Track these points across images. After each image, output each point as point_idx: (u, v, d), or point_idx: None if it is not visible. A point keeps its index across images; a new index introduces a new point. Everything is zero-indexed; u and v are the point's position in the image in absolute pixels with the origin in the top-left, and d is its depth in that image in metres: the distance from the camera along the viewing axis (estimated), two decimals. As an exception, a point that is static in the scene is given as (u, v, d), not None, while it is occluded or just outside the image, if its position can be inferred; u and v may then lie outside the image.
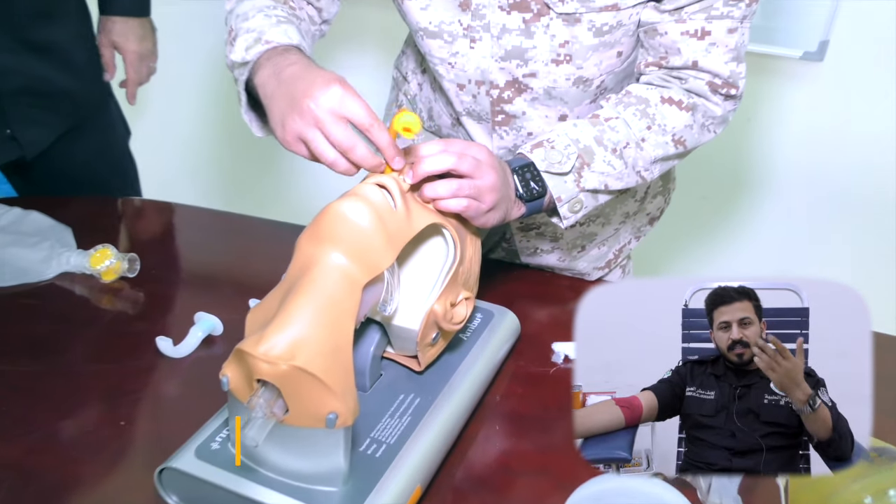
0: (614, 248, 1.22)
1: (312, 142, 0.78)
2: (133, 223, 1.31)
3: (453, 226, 0.84)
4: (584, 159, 0.92)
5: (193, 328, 1.01)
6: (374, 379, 0.88)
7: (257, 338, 0.70)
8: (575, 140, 0.92)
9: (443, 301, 0.83)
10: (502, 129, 1.04)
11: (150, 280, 1.14)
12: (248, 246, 1.24)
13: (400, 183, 0.80)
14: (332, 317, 0.72)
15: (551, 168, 0.90)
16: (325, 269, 0.73)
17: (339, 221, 0.74)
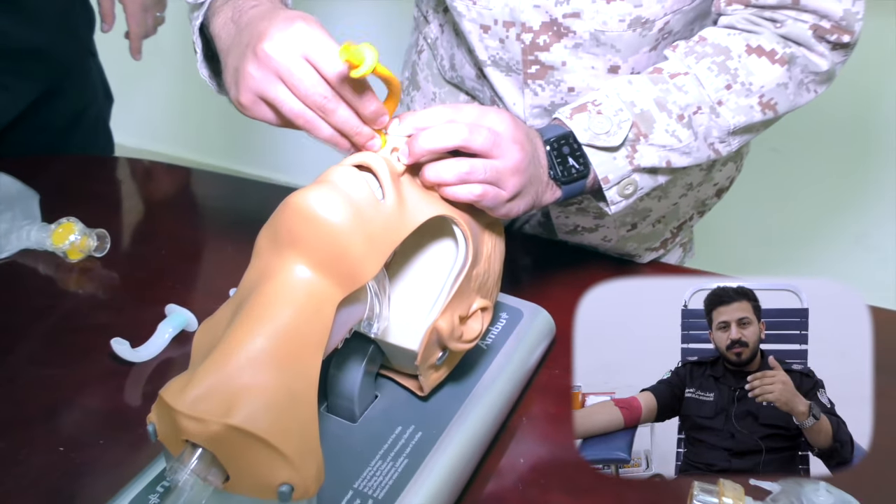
0: (672, 226, 1.07)
1: (276, 99, 0.64)
2: (114, 189, 1.18)
3: (464, 218, 0.67)
4: (641, 128, 0.75)
5: (162, 325, 0.86)
6: (367, 404, 0.73)
7: (183, 382, 0.55)
8: (629, 103, 0.76)
9: (449, 315, 0.67)
10: (536, 84, 0.89)
11: (122, 260, 1.00)
12: (245, 215, 1.11)
13: (391, 163, 0.64)
14: (288, 352, 0.56)
15: (596, 140, 0.74)
16: (283, 285, 0.58)
17: (302, 220, 0.58)
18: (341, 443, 0.68)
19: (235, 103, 0.67)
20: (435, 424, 0.71)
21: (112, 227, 1.01)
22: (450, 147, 0.65)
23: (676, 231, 1.07)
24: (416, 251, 0.71)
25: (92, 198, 1.12)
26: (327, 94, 0.63)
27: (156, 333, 0.85)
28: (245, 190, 1.21)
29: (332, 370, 0.69)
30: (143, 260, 1.00)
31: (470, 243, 0.67)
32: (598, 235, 1.04)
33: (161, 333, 0.85)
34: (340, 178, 0.60)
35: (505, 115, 0.68)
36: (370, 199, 0.60)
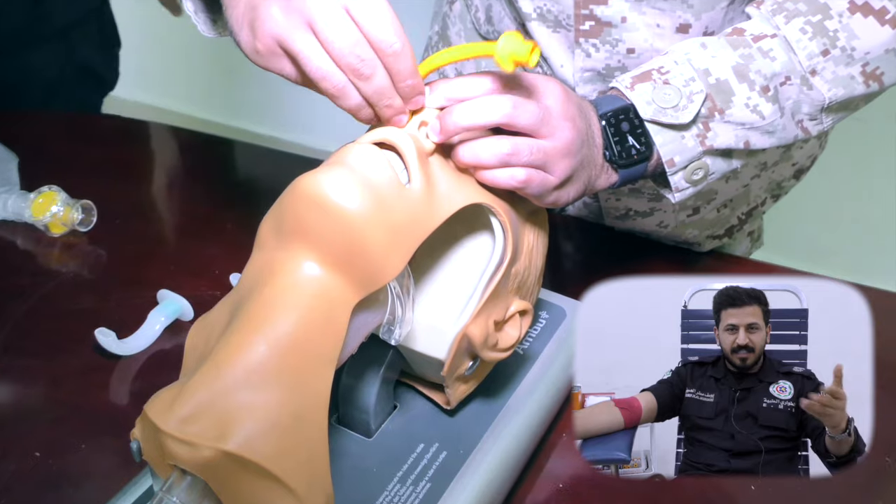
0: (741, 211, 1.04)
1: (301, 53, 0.60)
2: (104, 154, 1.16)
3: (503, 207, 0.65)
4: (716, 102, 0.72)
5: (153, 313, 0.85)
6: (384, 417, 0.71)
7: (171, 397, 0.53)
8: (703, 71, 0.72)
9: (483, 319, 0.65)
10: (589, 43, 0.86)
11: (110, 236, 0.99)
12: (251, 187, 1.11)
13: (419, 141, 0.61)
14: (294, 365, 0.54)
15: (662, 116, 0.71)
16: (290, 284, 0.55)
17: (313, 208, 0.56)
18: (354, 462, 0.66)
19: (248, 49, 0.63)
20: (462, 442, 0.69)
21: (100, 197, 1.00)
22: (490, 124, 0.61)
23: (745, 217, 1.04)
24: (445, 245, 0.68)
25: (78, 163, 1.10)
26: (366, 56, 0.59)
27: (146, 323, 0.84)
28: (252, 158, 1.20)
29: (344, 378, 0.68)
30: (133, 237, 0.99)
31: (509, 236, 0.64)
32: (653, 220, 1.01)
33: (152, 323, 0.84)
34: (358, 159, 0.57)
35: (555, 85, 0.65)
36: (393, 184, 0.57)
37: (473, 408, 0.72)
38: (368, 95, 0.61)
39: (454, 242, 0.68)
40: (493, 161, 0.62)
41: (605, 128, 0.70)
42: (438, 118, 0.62)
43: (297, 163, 1.18)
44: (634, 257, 0.99)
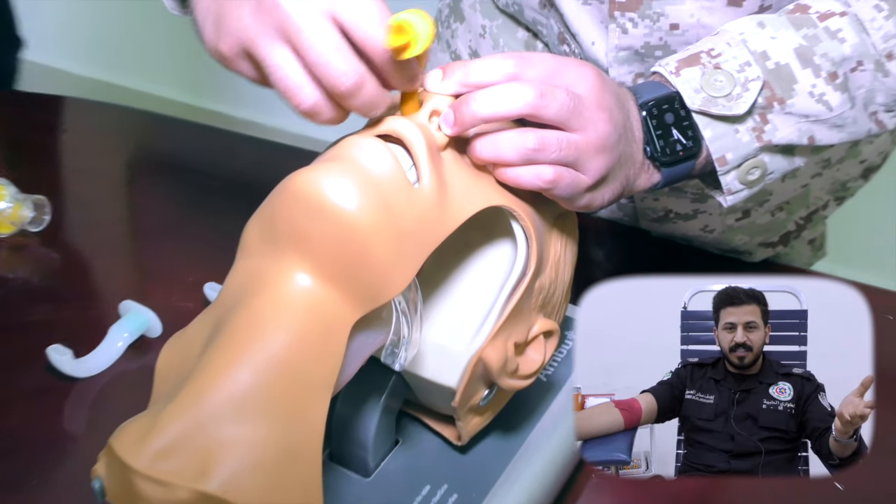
0: (799, 215, 1.05)
1: (270, 64, 0.62)
2: (57, 141, 1.19)
3: (526, 211, 0.66)
4: (776, 91, 0.73)
5: (115, 328, 0.87)
6: (384, 453, 0.72)
7: (142, 428, 0.54)
8: (760, 54, 0.74)
9: (501, 341, 0.66)
10: (626, 17, 0.87)
11: (66, 237, 1.01)
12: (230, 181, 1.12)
13: (430, 133, 0.63)
14: (285, 392, 0.55)
15: (712, 106, 0.72)
16: (280, 298, 0.57)
17: (308, 211, 0.57)
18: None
19: (210, 48, 0.66)
20: (475, 484, 0.70)
21: (53, 192, 1.02)
22: (512, 115, 0.63)
23: (804, 223, 1.05)
24: (459, 254, 0.70)
25: (27, 152, 1.12)
26: (349, 69, 0.60)
27: (106, 339, 0.86)
28: (231, 146, 1.22)
29: (339, 407, 0.69)
30: (92, 238, 1.01)
31: (534, 244, 0.65)
32: (697, 224, 1.02)
33: (113, 339, 0.86)
34: (361, 154, 0.58)
35: (588, 70, 0.66)
36: (401, 184, 0.59)
37: (488, 444, 0.73)
38: (358, 108, 0.62)
39: (469, 251, 0.70)
40: (516, 157, 0.63)
41: (645, 119, 0.71)
42: (452, 107, 0.63)
43: (284, 153, 1.20)
44: (674, 267, 0.99)
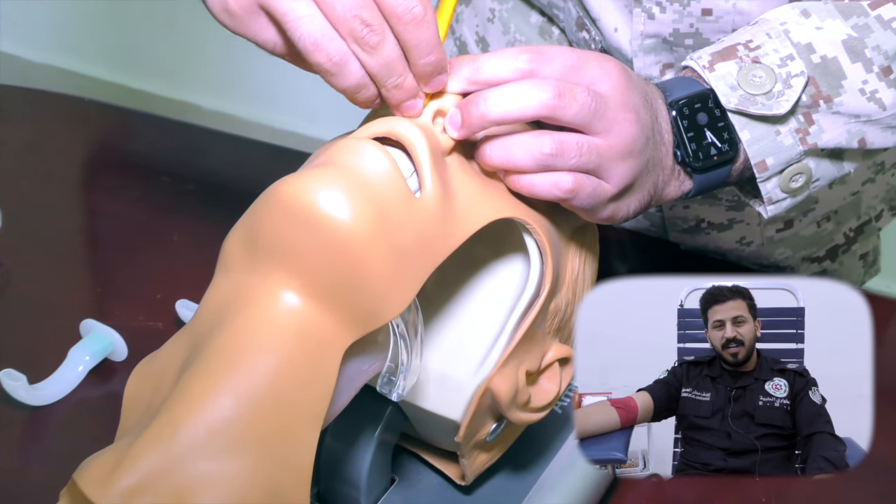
0: (848, 226, 1.08)
1: (288, 15, 0.64)
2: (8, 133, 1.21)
3: (541, 224, 0.68)
4: (821, 88, 0.75)
5: (74, 351, 0.89)
6: (379, 493, 0.74)
7: (110, 463, 0.56)
8: (804, 46, 0.76)
9: (512, 369, 0.68)
10: (653, 1, 0.90)
11: (17, 247, 1.03)
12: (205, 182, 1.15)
13: (433, 136, 0.65)
14: (270, 423, 0.58)
15: (750, 104, 0.74)
16: (265, 320, 0.59)
17: (296, 223, 0.59)
18: (339, 552, 0.70)
19: (216, 5, 0.67)
20: None
21: (5, 195, 1.04)
22: (527, 116, 0.65)
23: (854, 235, 1.08)
24: (464, 271, 0.72)
25: None
26: (373, 21, 0.62)
27: (65, 363, 0.88)
28: (204, 143, 1.24)
29: (329, 441, 0.71)
30: (47, 249, 1.03)
31: (549, 261, 0.67)
32: (733, 236, 1.04)
33: (73, 364, 0.88)
34: (355, 159, 0.60)
35: (613, 65, 0.68)
36: (400, 193, 0.61)
37: (496, 484, 0.75)
38: (374, 71, 0.64)
39: (476, 268, 0.72)
40: (531, 163, 0.65)
41: (676, 120, 0.73)
42: (459, 107, 0.65)
43: (265, 152, 1.24)
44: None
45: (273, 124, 2.47)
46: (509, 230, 0.69)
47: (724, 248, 1.06)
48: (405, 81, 0.64)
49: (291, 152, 1.23)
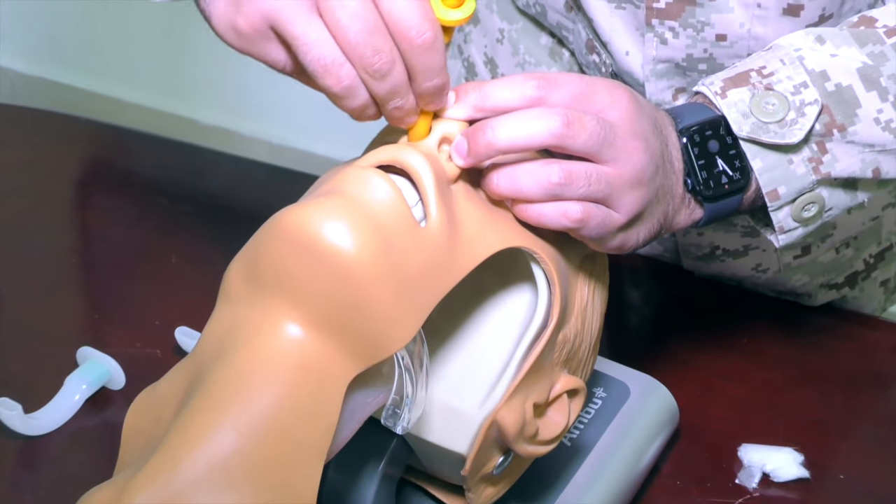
0: (868, 252, 1.09)
1: (300, 38, 0.65)
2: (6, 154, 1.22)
3: (549, 253, 0.69)
4: (835, 116, 0.77)
5: (71, 379, 0.90)
6: None
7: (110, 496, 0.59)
8: (819, 73, 0.77)
9: (519, 402, 0.69)
10: (666, 26, 0.91)
11: (13, 270, 1.05)
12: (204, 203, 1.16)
13: (438, 163, 0.66)
14: (272, 457, 0.59)
15: (763, 132, 0.75)
16: (268, 351, 0.61)
17: (300, 254, 0.61)
18: (342, 590, 0.71)
19: (223, 25, 0.68)
20: None
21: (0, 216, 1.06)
22: (535, 145, 0.66)
23: (874, 261, 1.09)
24: (470, 301, 0.73)
25: None
26: (384, 48, 0.64)
27: (61, 392, 0.89)
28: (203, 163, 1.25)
29: (332, 474, 0.72)
30: (42, 273, 1.04)
31: (557, 291, 0.68)
32: (749, 262, 1.05)
33: (69, 392, 0.89)
34: (360, 188, 0.62)
35: (623, 92, 0.69)
36: (405, 222, 0.62)
37: (506, 516, 0.76)
38: (380, 95, 0.65)
39: (482, 298, 0.73)
40: (539, 192, 0.66)
41: (686, 147, 0.74)
42: (465, 135, 0.66)
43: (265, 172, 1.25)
44: (722, 313, 1.04)
45: (271, 139, 2.48)
46: (516, 259, 0.69)
47: (739, 276, 1.06)
48: (406, 102, 0.66)
49: (290, 172, 1.24)
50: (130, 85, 2.61)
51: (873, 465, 0.90)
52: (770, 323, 1.03)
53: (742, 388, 0.97)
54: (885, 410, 0.98)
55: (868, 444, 0.93)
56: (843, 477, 0.89)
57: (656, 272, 1.09)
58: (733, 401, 0.95)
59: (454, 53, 1.11)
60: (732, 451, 0.89)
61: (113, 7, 2.54)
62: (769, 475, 0.88)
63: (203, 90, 2.57)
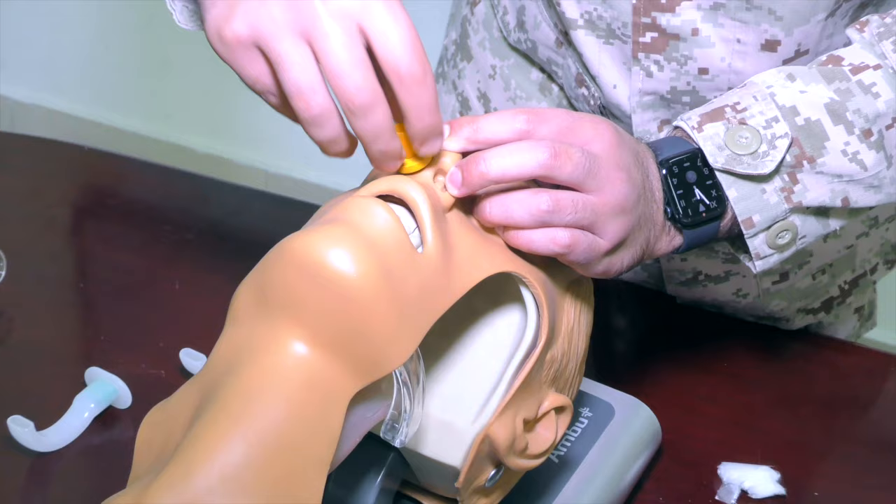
0: (843, 279, 1.10)
1: (284, 59, 0.65)
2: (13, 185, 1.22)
3: (537, 277, 0.71)
4: (805, 149, 0.79)
5: (80, 397, 0.91)
6: None
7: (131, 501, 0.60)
8: (789, 109, 0.79)
9: (510, 417, 0.70)
10: (651, 59, 0.93)
11: (23, 295, 1.04)
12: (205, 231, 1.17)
13: (434, 194, 0.68)
14: (280, 467, 0.61)
15: (736, 164, 0.77)
16: (275, 368, 0.62)
17: (306, 277, 0.62)
18: None
19: (213, 28, 0.67)
20: None
21: (8, 243, 1.05)
22: (525, 175, 0.68)
23: (849, 288, 1.09)
24: (463, 322, 0.74)
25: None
26: (366, 85, 0.63)
27: (71, 410, 0.90)
28: (203, 192, 1.27)
29: (332, 487, 0.73)
30: (52, 296, 1.05)
31: (545, 314, 0.70)
32: (729, 287, 1.06)
33: (79, 410, 0.89)
34: (361, 216, 0.63)
35: (606, 126, 0.71)
36: (404, 248, 0.64)
37: (496, 528, 0.77)
38: (361, 134, 0.65)
39: (474, 319, 0.74)
40: (529, 220, 0.68)
41: (666, 178, 0.76)
42: (460, 167, 0.68)
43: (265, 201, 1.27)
44: (704, 338, 1.05)
45: (267, 168, 2.47)
46: (507, 283, 0.71)
47: (720, 300, 1.08)
48: (391, 146, 0.66)
49: (287, 200, 1.25)
50: (128, 114, 2.61)
51: (846, 484, 0.91)
52: (749, 348, 1.05)
53: (722, 410, 0.97)
54: (859, 432, 0.99)
55: (842, 463, 0.94)
56: (817, 494, 0.90)
57: (641, 299, 1.10)
58: (714, 421, 0.96)
59: (448, 88, 1.13)
60: (713, 469, 0.90)
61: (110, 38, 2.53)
62: (747, 492, 0.88)
63: (200, 120, 2.56)
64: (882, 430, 1.01)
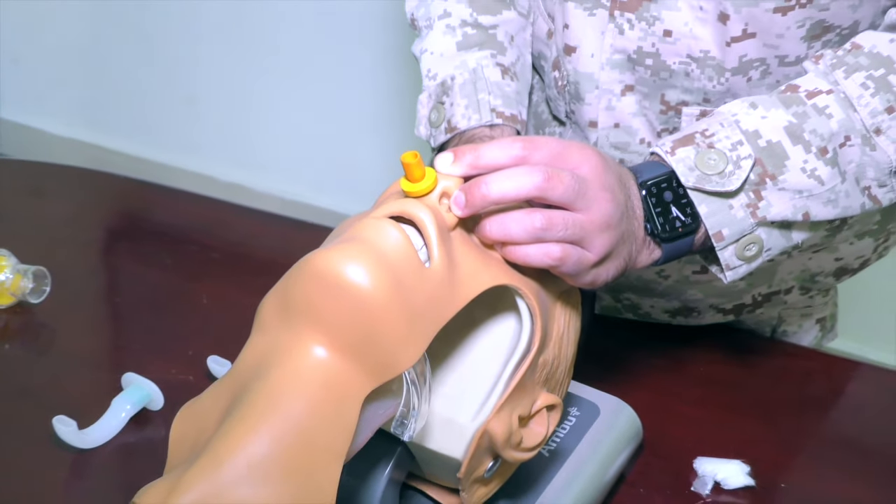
0: (758, 290, 1.08)
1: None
2: (57, 210, 1.24)
3: (531, 288, 0.72)
4: (767, 167, 0.80)
5: (118, 399, 0.92)
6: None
7: (165, 489, 0.62)
8: (752, 133, 0.81)
9: (506, 414, 0.72)
10: (625, 18, 0.93)
11: (65, 309, 1.06)
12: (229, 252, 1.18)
13: (440, 215, 0.69)
14: (301, 459, 0.62)
15: (706, 183, 0.79)
16: (297, 370, 0.64)
17: (325, 289, 0.64)
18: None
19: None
20: None
21: (52, 262, 1.07)
22: (521, 197, 0.69)
23: (761, 300, 1.08)
24: (464, 329, 0.76)
25: (28, 221, 1.18)
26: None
27: (109, 411, 0.91)
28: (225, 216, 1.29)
29: (344, 477, 0.71)
30: (91, 309, 1.06)
31: (538, 321, 0.71)
32: (655, 267, 0.98)
33: (116, 411, 0.91)
34: (375, 235, 0.65)
35: (591, 152, 0.73)
36: (413, 264, 0.65)
37: (493, 516, 0.78)
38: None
39: (474, 327, 0.76)
40: (525, 236, 0.69)
41: (645, 198, 0.77)
42: (464, 190, 0.69)
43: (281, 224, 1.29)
44: (682, 345, 1.06)
45: (283, 195, 2.47)
46: (504, 294, 0.72)
47: (645, 278, 1.05)
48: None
49: (302, 223, 1.27)
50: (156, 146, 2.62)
51: (810, 476, 0.92)
52: (725, 354, 1.05)
53: (698, 409, 0.98)
54: (822, 430, 1.00)
55: (806, 457, 0.95)
56: (784, 486, 0.90)
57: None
58: (690, 420, 0.96)
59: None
60: (689, 463, 0.90)
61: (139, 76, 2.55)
62: (720, 483, 0.89)
63: (221, 151, 2.57)
64: (843, 427, 1.01)
